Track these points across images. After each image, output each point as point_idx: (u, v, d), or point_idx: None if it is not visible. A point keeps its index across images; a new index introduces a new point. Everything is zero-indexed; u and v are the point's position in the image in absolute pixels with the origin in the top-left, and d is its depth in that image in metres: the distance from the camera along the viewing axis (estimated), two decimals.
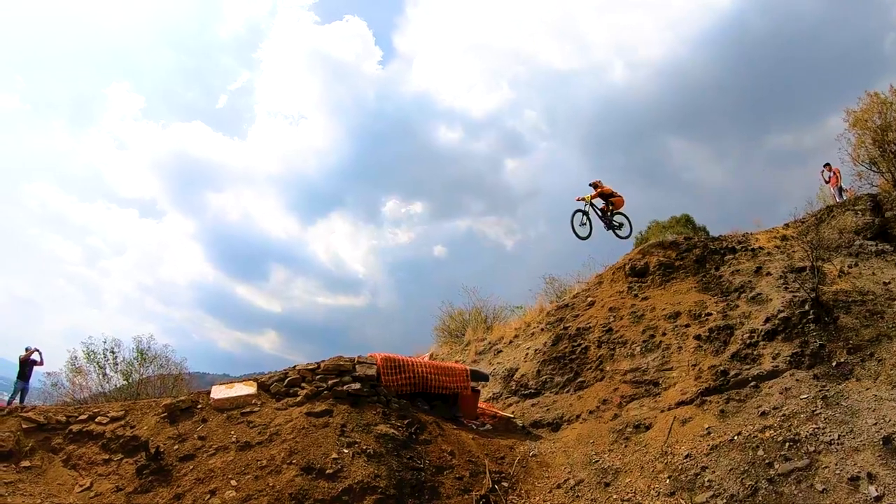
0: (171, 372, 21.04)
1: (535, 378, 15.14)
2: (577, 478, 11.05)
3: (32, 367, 19.12)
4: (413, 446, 11.32)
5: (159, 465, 10.53)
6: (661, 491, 10.00)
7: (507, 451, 12.17)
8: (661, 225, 24.04)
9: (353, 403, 11.87)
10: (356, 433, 11.11)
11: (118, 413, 11.85)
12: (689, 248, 16.28)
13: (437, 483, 10.65)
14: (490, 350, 18.72)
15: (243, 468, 10.33)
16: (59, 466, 10.93)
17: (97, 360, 19.98)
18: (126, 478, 10.49)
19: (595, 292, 16.79)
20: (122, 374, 20.23)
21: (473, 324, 22.26)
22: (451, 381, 13.74)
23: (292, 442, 10.76)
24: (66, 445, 11.26)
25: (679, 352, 13.43)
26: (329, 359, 12.74)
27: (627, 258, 17.17)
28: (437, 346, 22.60)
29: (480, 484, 10.90)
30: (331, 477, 10.09)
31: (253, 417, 11.57)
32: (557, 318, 16.68)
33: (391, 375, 12.93)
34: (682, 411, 11.79)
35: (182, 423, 11.51)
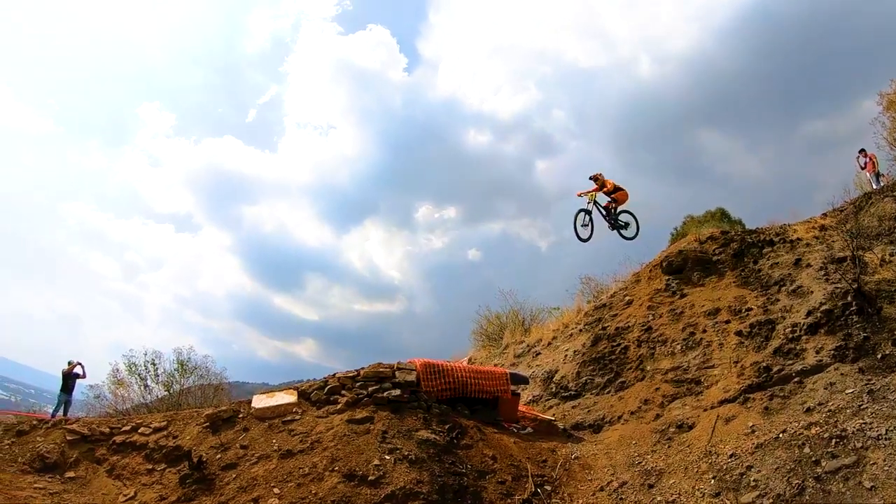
0: (212, 382, 21.49)
1: (575, 380, 15.18)
2: (620, 480, 11.05)
3: (75, 380, 19.62)
4: (454, 451, 11.42)
5: (202, 474, 10.80)
6: (706, 492, 9.96)
7: (549, 454, 12.21)
8: (696, 220, 23.79)
9: (393, 410, 12.04)
10: (397, 439, 11.26)
11: (161, 424, 12.18)
12: (726, 242, 16.18)
13: (479, 488, 10.74)
14: (529, 353, 18.73)
15: (286, 476, 10.54)
16: (103, 477, 11.29)
17: (138, 372, 20.50)
18: (169, 487, 10.79)
19: (633, 291, 16.75)
20: (164, 386, 20.72)
21: (511, 327, 22.25)
22: (491, 385, 13.80)
23: (334, 449, 10.95)
24: (110, 456, 11.63)
25: (720, 349, 13.39)
26: (369, 366, 12.92)
27: (664, 255, 17.04)
28: (476, 350, 22.68)
29: (523, 488, 10.93)
30: (373, 483, 10.24)
31: (294, 426, 11.77)
32: (596, 319, 16.67)
33: (431, 381, 13.04)
34: (726, 409, 11.73)
35: (224, 432, 11.79)
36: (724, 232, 17.02)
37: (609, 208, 17.73)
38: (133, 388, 20.56)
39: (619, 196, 17.69)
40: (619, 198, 17.72)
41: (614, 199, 17.70)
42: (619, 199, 17.73)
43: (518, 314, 22.93)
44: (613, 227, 17.71)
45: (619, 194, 17.69)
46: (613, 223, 17.66)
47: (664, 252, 17.47)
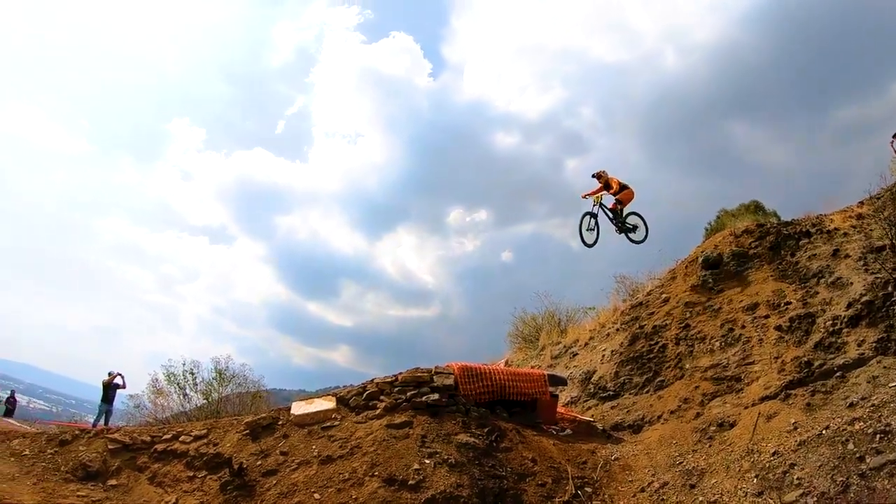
0: (249, 390, 21.90)
1: (613, 380, 15.22)
2: (661, 480, 11.04)
3: (116, 390, 20.15)
4: (494, 454, 11.53)
5: (243, 480, 11.03)
6: (749, 491, 9.93)
7: (589, 455, 12.27)
8: (729, 213, 23.54)
9: (432, 414, 12.21)
10: (437, 443, 11.41)
11: (201, 431, 12.43)
12: (762, 235, 16.02)
13: (519, 490, 10.84)
14: (566, 353, 18.77)
15: (326, 481, 10.73)
16: (144, 484, 11.52)
17: (177, 381, 20.96)
18: (210, 494, 11.03)
19: (669, 288, 16.64)
20: (202, 394, 21.16)
21: (547, 328, 22.25)
22: (530, 387, 13.86)
23: (373, 454, 11.12)
24: (151, 464, 11.85)
25: (760, 344, 13.36)
26: (407, 371, 13.11)
27: (699, 250, 16.89)
28: (512, 353, 22.73)
29: (563, 490, 11.03)
30: (413, 488, 10.38)
31: (333, 431, 11.98)
32: (632, 318, 16.60)
33: (469, 384, 13.14)
34: (767, 406, 11.71)
35: (264, 439, 12.02)
36: (759, 224, 16.83)
37: (615, 210, 17.30)
38: (172, 397, 21.05)
39: (624, 196, 17.27)
40: (625, 197, 17.31)
41: (619, 201, 17.27)
42: (625, 198, 17.31)
43: (554, 315, 22.93)
44: (621, 231, 17.35)
45: (624, 194, 17.28)
46: (620, 226, 17.30)
47: (699, 247, 17.33)
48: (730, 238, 16.60)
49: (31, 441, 12.40)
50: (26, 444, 12.23)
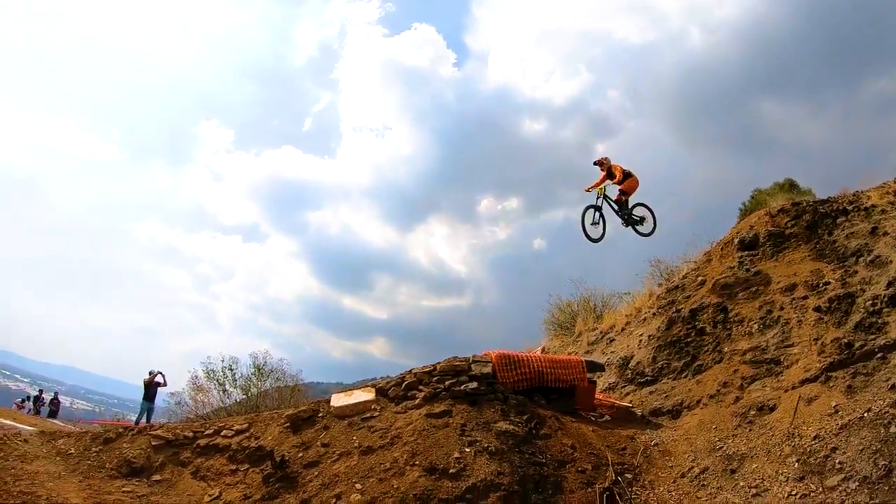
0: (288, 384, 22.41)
1: (650, 365, 15.24)
2: (701, 466, 11.16)
3: (157, 388, 20.78)
4: (533, 441, 11.72)
5: (285, 472, 11.33)
6: (790, 476, 10.00)
7: (628, 441, 12.42)
8: (764, 193, 23.31)
9: (471, 402, 12.41)
10: (476, 432, 11.62)
11: (242, 426, 12.76)
12: (798, 214, 15.92)
13: (559, 477, 11.02)
14: (602, 339, 18.82)
15: (367, 471, 11.01)
16: (188, 479, 11.86)
17: (217, 377, 21.52)
18: (253, 486, 11.34)
19: (705, 270, 16.59)
20: (241, 389, 21.73)
21: (583, 314, 22.28)
22: (567, 374, 14.03)
23: (414, 444, 11.38)
24: (194, 459, 12.19)
25: (799, 326, 13.32)
26: (445, 360, 13.32)
27: (735, 231, 16.87)
28: (549, 340, 22.83)
29: (603, 476, 11.17)
30: (454, 476, 10.61)
31: (373, 422, 12.25)
32: (668, 301, 16.58)
33: (507, 372, 13.31)
34: (807, 389, 11.71)
35: (305, 431, 12.33)
36: (795, 203, 16.70)
37: (621, 201, 17.01)
38: (212, 393, 21.67)
39: (628, 185, 16.98)
40: (629, 187, 17.00)
41: (624, 191, 16.96)
42: (629, 188, 17.00)
43: (589, 301, 22.96)
44: (627, 223, 17.10)
45: (628, 183, 16.97)
46: (627, 219, 17.04)
47: (735, 228, 17.29)
48: (765, 218, 16.52)
49: (76, 440, 12.83)
50: (71, 444, 12.66)
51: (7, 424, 13.83)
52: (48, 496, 10.80)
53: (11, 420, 15.98)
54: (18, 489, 10.81)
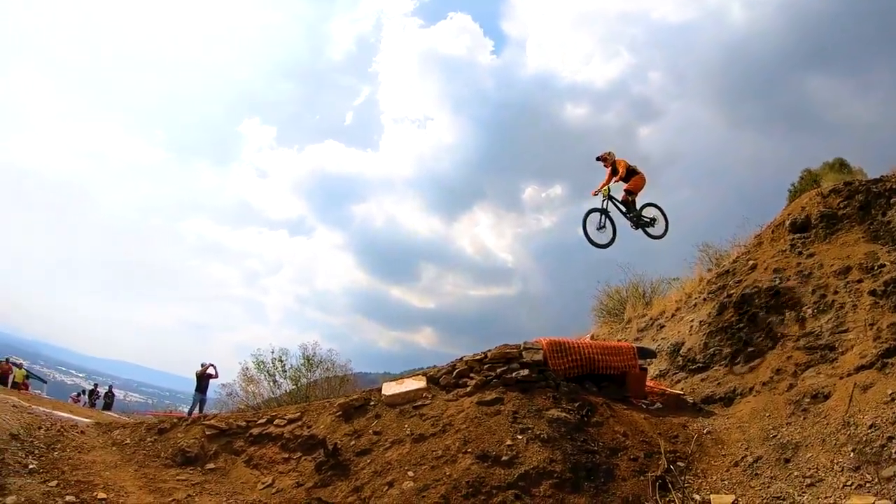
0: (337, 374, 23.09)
1: (702, 351, 15.30)
2: (754, 455, 11.19)
3: (208, 380, 21.52)
4: (585, 429, 11.88)
5: (337, 460, 11.63)
6: (846, 466, 10.01)
7: (680, 429, 12.52)
8: (813, 173, 23.20)
9: (522, 390, 12.57)
10: (528, 419, 11.81)
11: (295, 415, 13.13)
12: (850, 194, 15.88)
13: (611, 465, 11.14)
14: (652, 326, 18.94)
15: (419, 459, 11.23)
16: (241, 467, 12.23)
17: (267, 368, 22.25)
18: (305, 474, 11.65)
19: (755, 254, 16.58)
20: (291, 380, 22.46)
21: (632, 300, 22.39)
22: (619, 361, 14.10)
23: (465, 431, 11.59)
24: (247, 448, 12.57)
25: (854, 310, 13.32)
26: (496, 347, 13.51)
27: (786, 213, 16.81)
28: (597, 327, 23.02)
29: (656, 464, 11.30)
30: (506, 463, 10.79)
31: (425, 410, 12.50)
32: (719, 286, 16.53)
33: (558, 359, 13.47)
34: (863, 377, 11.71)
35: (356, 420, 12.64)
36: (847, 183, 16.66)
37: (627, 202, 16.39)
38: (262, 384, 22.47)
39: (634, 184, 16.41)
40: (635, 186, 16.43)
41: (630, 191, 16.38)
42: (635, 187, 16.43)
43: (638, 287, 23.04)
44: (637, 226, 16.51)
45: (634, 181, 16.42)
46: (636, 220, 16.45)
47: (785, 210, 17.24)
48: (817, 199, 16.47)
49: (131, 431, 13.33)
50: (126, 434, 13.15)
51: (64, 417, 14.32)
52: (105, 484, 11.24)
53: (68, 413, 16.52)
54: (76, 478, 11.27)
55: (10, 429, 11.92)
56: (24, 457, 11.44)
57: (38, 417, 13.17)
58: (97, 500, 10.75)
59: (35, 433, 12.29)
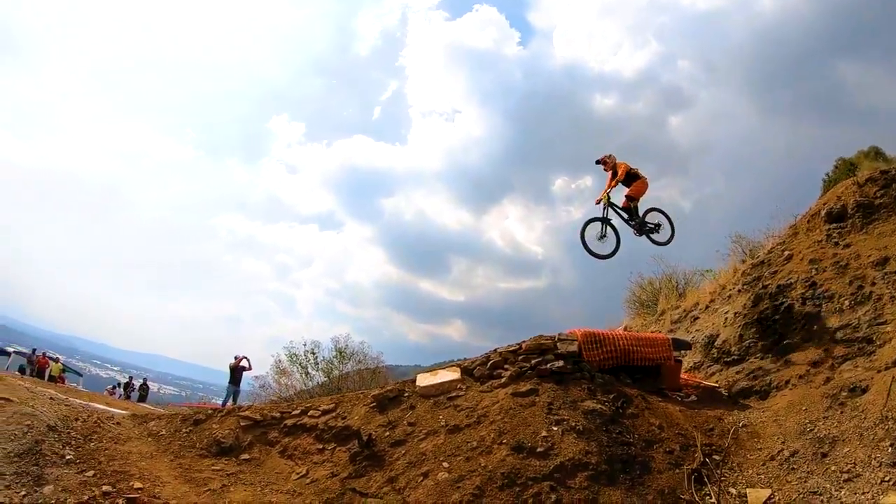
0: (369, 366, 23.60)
1: (737, 343, 15.38)
2: (791, 449, 11.11)
3: (242, 372, 22.03)
4: (620, 421, 12.01)
5: (372, 451, 11.91)
6: (883, 461, 9.91)
7: (716, 422, 12.59)
8: (848, 162, 23.18)
9: (557, 381, 12.71)
10: (563, 410, 11.93)
11: (329, 406, 13.44)
12: (887, 182, 15.95)
13: (647, 458, 11.26)
14: (686, 318, 19.02)
15: (454, 450, 11.44)
16: (275, 457, 12.56)
17: (299, 361, 22.80)
18: (340, 465, 11.93)
19: (790, 245, 16.58)
20: (323, 372, 23.00)
21: (665, 292, 22.54)
22: (653, 352, 14.21)
23: (500, 422, 11.76)
24: (281, 438, 12.90)
25: (892, 302, 13.34)
26: (530, 339, 13.66)
27: (821, 203, 16.79)
28: (630, 319, 23.21)
29: (692, 458, 11.41)
30: (542, 455, 10.91)
31: (459, 401, 12.71)
32: (754, 277, 16.54)
33: (592, 350, 13.56)
34: None
35: (391, 411, 12.92)
36: (883, 172, 16.66)
37: (629, 208, 16.07)
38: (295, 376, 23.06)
39: (635, 189, 16.06)
40: (637, 191, 16.08)
41: (631, 197, 16.06)
42: (637, 192, 16.07)
43: (671, 278, 23.17)
44: (641, 233, 16.11)
45: (635, 186, 16.07)
46: (639, 227, 16.05)
47: (821, 200, 17.24)
48: (853, 188, 16.50)
49: (166, 422, 13.70)
50: (162, 425, 13.52)
51: (100, 408, 14.70)
52: (141, 474, 11.60)
53: (104, 405, 16.91)
54: (112, 468, 11.63)
55: (48, 420, 12.28)
56: (61, 447, 11.79)
57: (75, 409, 13.52)
58: (133, 489, 11.12)
59: (72, 424, 12.65)
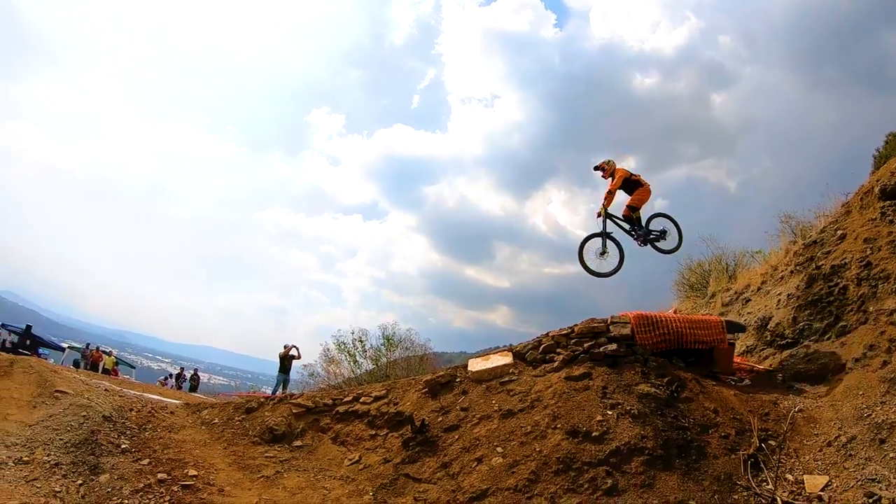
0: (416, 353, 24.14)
1: (790, 326, 15.38)
2: (848, 434, 11.07)
3: (291, 361, 22.59)
4: (675, 405, 12.09)
5: (425, 436, 12.28)
6: None
7: (771, 406, 12.56)
8: None
9: (610, 365, 12.89)
10: (618, 394, 12.07)
11: (380, 392, 13.88)
12: None
13: (702, 442, 11.34)
14: (737, 300, 19.06)
15: (508, 435, 11.72)
16: (328, 444, 13.08)
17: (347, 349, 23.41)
18: (392, 450, 12.36)
19: (843, 223, 16.39)
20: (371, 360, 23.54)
21: (715, 274, 22.58)
22: (707, 335, 14.14)
23: (554, 407, 11.98)
24: (333, 425, 13.41)
25: None
26: (582, 322, 13.76)
27: (874, 179, 16.53)
28: (680, 302, 23.39)
29: (748, 443, 11.46)
30: (597, 439, 11.11)
31: (512, 386, 12.95)
32: (807, 258, 16.45)
33: (645, 333, 13.55)
34: None
35: (443, 396, 13.29)
36: None
37: (631, 218, 15.49)
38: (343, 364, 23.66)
39: (637, 198, 15.46)
40: (638, 200, 15.49)
41: (632, 206, 15.44)
42: (638, 201, 15.49)
43: (721, 260, 23.20)
44: (645, 242, 15.52)
45: (637, 195, 15.45)
46: (643, 237, 15.48)
47: (874, 176, 16.96)
48: None
49: (219, 410, 14.28)
50: (215, 414, 14.09)
51: (154, 398, 15.20)
52: (195, 462, 12.11)
53: (157, 395, 17.45)
54: (167, 456, 12.14)
55: (103, 411, 12.78)
56: (116, 437, 12.31)
57: (129, 400, 14.03)
58: (188, 477, 11.63)
59: (126, 414, 13.17)
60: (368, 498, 11.48)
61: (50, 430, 11.97)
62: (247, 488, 11.75)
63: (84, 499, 10.64)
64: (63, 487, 10.70)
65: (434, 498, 11.14)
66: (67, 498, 10.53)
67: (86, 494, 10.74)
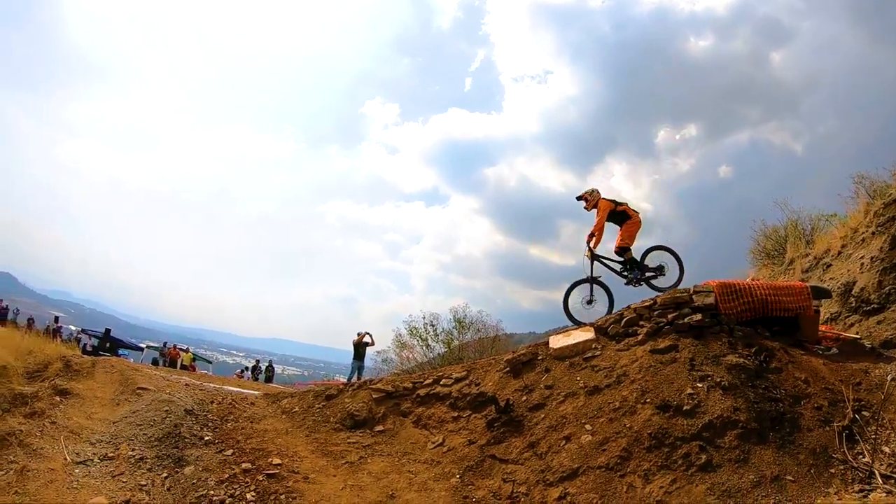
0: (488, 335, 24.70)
1: (876, 290, 15.16)
2: None
3: (365, 347, 23.24)
4: (765, 375, 11.93)
5: (510, 416, 12.47)
6: None
7: (862, 375, 12.33)
8: None
9: (695, 336, 12.68)
10: (706, 366, 11.96)
11: (461, 374, 14.12)
12: None
13: (795, 414, 11.16)
14: (817, 265, 18.99)
15: (595, 412, 11.80)
16: (410, 427, 13.38)
17: (419, 334, 24.07)
18: (477, 432, 12.59)
19: None
20: (443, 343, 24.14)
21: (792, 239, 22.37)
22: (792, 302, 13.77)
23: (642, 381, 11.99)
24: (414, 408, 13.71)
25: None
26: (664, 293, 13.85)
27: None
28: (756, 271, 23.28)
29: (841, 414, 11.23)
30: (688, 413, 11.01)
31: (596, 361, 13.02)
32: (888, 218, 16.08)
33: (729, 302, 13.38)
34: None
35: (525, 375, 13.46)
36: None
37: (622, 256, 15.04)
38: (416, 348, 24.35)
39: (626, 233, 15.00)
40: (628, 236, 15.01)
41: (621, 248, 14.98)
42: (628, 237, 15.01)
43: (797, 225, 23.07)
44: (638, 282, 14.99)
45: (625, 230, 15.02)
46: (636, 278, 15.00)
47: None
48: None
49: (298, 399, 14.68)
50: (295, 403, 14.50)
51: (234, 390, 15.70)
52: (278, 450, 12.48)
53: (236, 387, 18.01)
54: (250, 446, 12.54)
55: (184, 405, 13.27)
56: (199, 429, 12.74)
57: (210, 393, 14.55)
58: (272, 465, 12.00)
59: (208, 407, 13.65)
60: (455, 480, 11.67)
61: (133, 425, 12.47)
62: (331, 475, 12.03)
63: (170, 491, 10.98)
64: (148, 481, 11.08)
65: (523, 478, 11.28)
66: (153, 491, 10.89)
67: (171, 487, 11.09)
